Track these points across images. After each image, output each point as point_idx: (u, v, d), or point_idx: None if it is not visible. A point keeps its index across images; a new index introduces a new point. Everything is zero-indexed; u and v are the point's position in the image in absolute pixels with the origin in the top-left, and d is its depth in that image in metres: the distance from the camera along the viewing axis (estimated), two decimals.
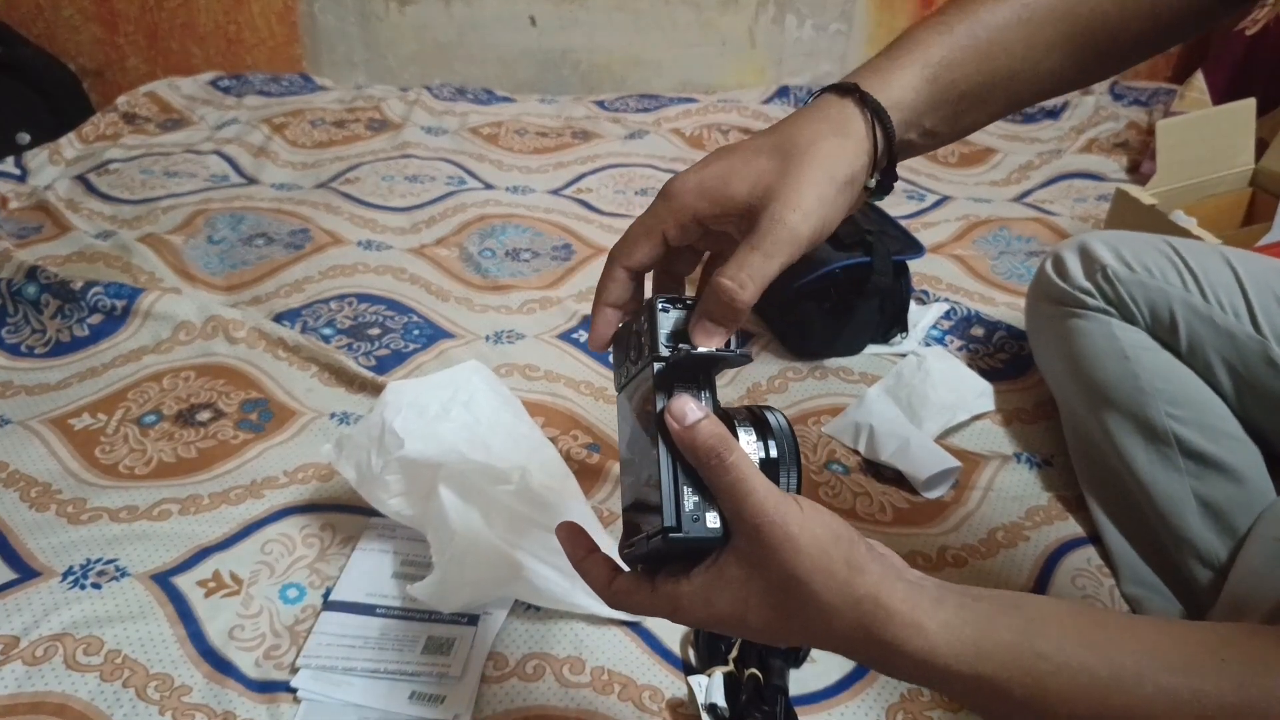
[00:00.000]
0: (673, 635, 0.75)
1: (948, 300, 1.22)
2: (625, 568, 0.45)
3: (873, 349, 1.13)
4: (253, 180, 1.56)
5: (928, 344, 1.14)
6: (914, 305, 1.17)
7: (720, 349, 0.42)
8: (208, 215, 1.40)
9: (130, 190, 1.50)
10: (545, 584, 0.72)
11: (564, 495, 0.77)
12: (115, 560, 0.78)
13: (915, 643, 0.37)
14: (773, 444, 0.42)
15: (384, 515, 0.78)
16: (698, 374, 0.43)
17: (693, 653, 0.73)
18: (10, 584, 0.75)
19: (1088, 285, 0.85)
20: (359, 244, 1.35)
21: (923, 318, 1.16)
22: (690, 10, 1.98)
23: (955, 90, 0.47)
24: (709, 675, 0.70)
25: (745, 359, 0.43)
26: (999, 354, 1.12)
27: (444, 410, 0.77)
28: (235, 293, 1.23)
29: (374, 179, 1.56)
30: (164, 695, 0.68)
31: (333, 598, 0.76)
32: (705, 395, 0.43)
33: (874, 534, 0.86)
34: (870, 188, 0.46)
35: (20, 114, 1.73)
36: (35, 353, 1.09)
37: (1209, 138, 1.31)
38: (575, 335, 1.16)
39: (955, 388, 1.02)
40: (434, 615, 0.74)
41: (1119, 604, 0.80)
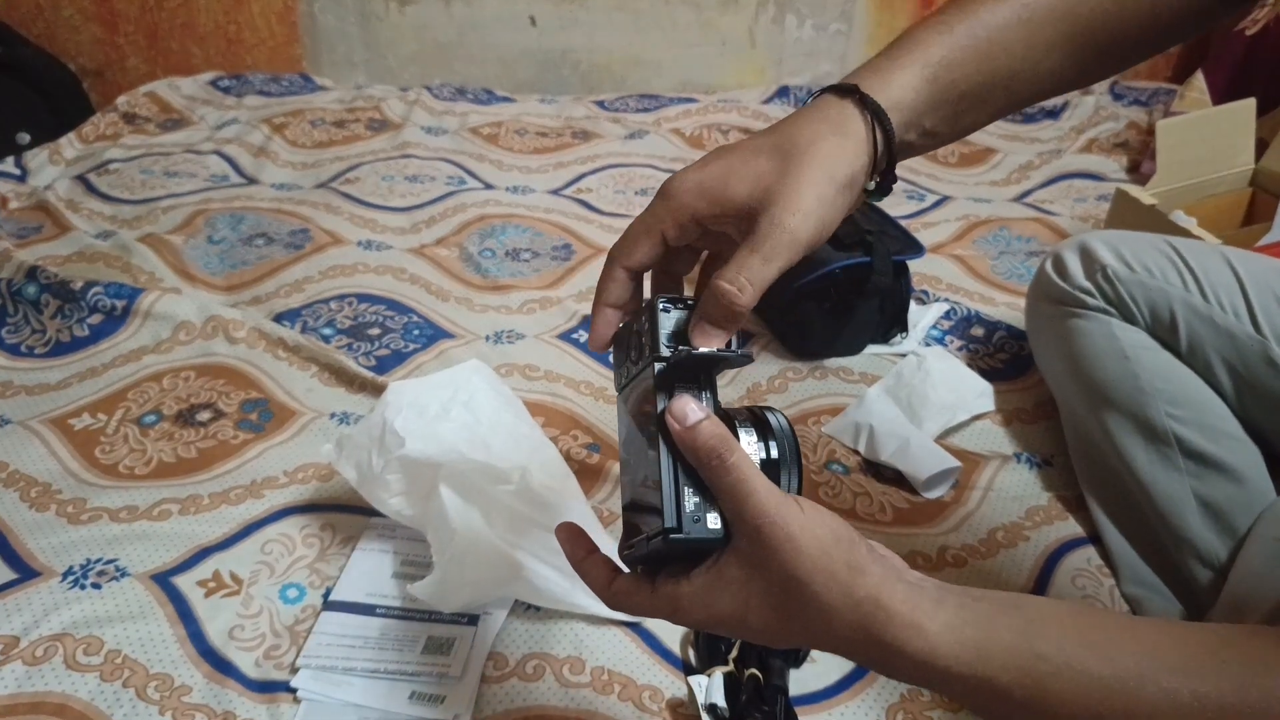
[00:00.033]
0: (673, 635, 0.75)
1: (948, 300, 1.22)
2: (625, 569, 0.45)
3: (873, 349, 1.13)
4: (253, 180, 1.56)
5: (928, 344, 1.14)
6: (914, 305, 1.17)
7: (721, 349, 0.42)
8: (208, 215, 1.40)
9: (130, 190, 1.50)
10: (545, 584, 0.72)
11: (564, 495, 0.77)
12: (115, 560, 0.78)
13: (915, 644, 0.37)
14: (774, 444, 0.42)
15: (384, 515, 0.78)
16: (698, 374, 0.43)
17: (693, 653, 0.73)
18: (10, 584, 0.75)
19: (1088, 285, 0.85)
20: (359, 244, 1.35)
21: (923, 318, 1.16)
22: (690, 10, 1.98)
23: (955, 90, 0.47)
24: (709, 675, 0.70)
25: (746, 359, 0.43)
26: (999, 354, 1.12)
27: (445, 410, 0.77)
28: (235, 293, 1.23)
29: (374, 179, 1.56)
30: (164, 695, 0.68)
31: (333, 598, 0.76)
32: (706, 396, 0.43)
33: (874, 534, 0.86)
34: (870, 189, 0.46)
35: (20, 114, 1.73)
36: (35, 353, 1.09)
37: (1209, 138, 1.31)
38: (575, 335, 1.16)
39: (955, 388, 1.02)
40: (434, 615, 0.74)
41: (1119, 604, 0.80)
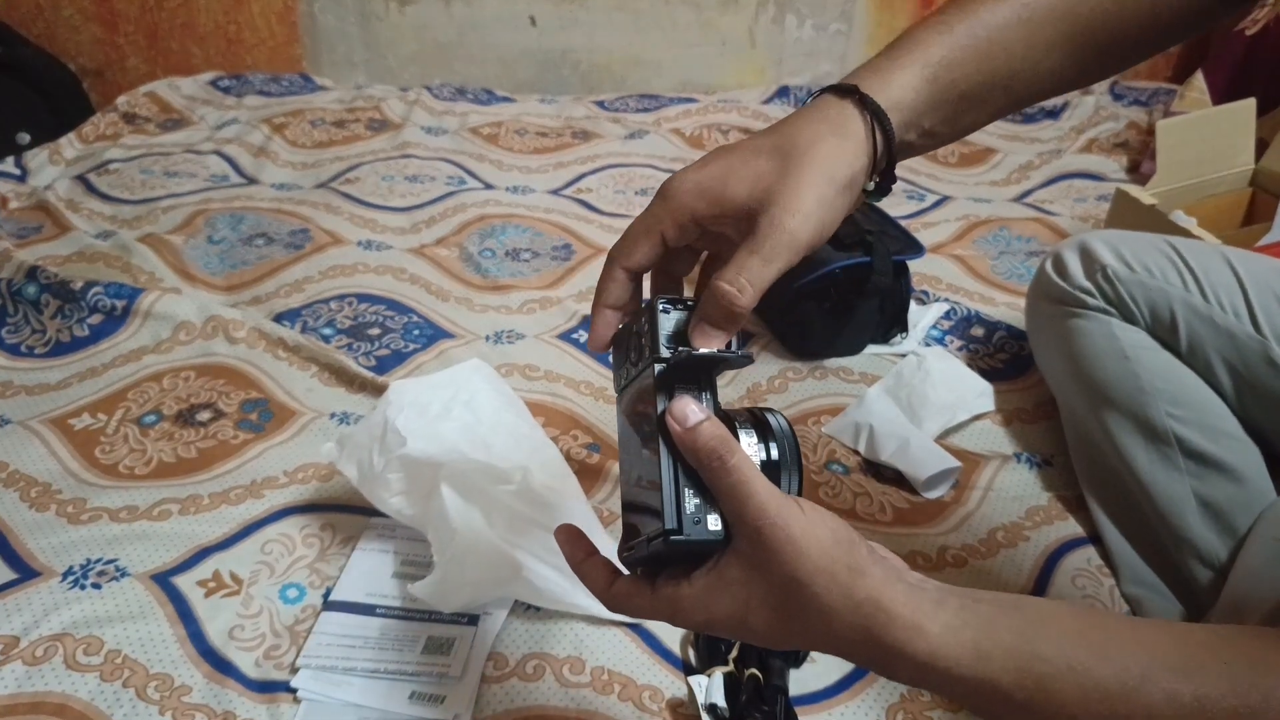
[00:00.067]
0: (673, 635, 0.75)
1: (948, 300, 1.22)
2: (625, 570, 0.45)
3: (873, 349, 1.13)
4: (253, 180, 1.56)
5: (928, 344, 1.14)
6: (914, 305, 1.17)
7: (721, 350, 0.42)
8: (208, 215, 1.40)
9: (130, 190, 1.50)
10: (545, 584, 0.72)
11: (565, 495, 0.77)
12: (115, 560, 0.78)
13: (916, 645, 0.37)
14: (774, 446, 0.42)
15: (385, 515, 0.78)
16: (699, 375, 0.43)
17: (693, 653, 0.73)
18: (10, 584, 0.75)
19: (1088, 285, 0.85)
20: (359, 244, 1.35)
21: (923, 318, 1.16)
22: (690, 10, 1.98)
23: (955, 90, 0.47)
24: (709, 675, 0.70)
25: (747, 360, 0.43)
26: (999, 354, 1.12)
27: (446, 409, 0.77)
28: (235, 293, 1.23)
29: (374, 179, 1.56)
30: (164, 695, 0.68)
31: (333, 598, 0.76)
32: (706, 397, 0.42)
33: (874, 534, 0.86)
34: (869, 189, 0.46)
35: (20, 114, 1.73)
36: (35, 353, 1.09)
37: (1209, 138, 1.31)
38: (575, 335, 1.16)
39: (955, 388, 1.02)
40: (434, 615, 0.74)
41: (1119, 604, 0.80)
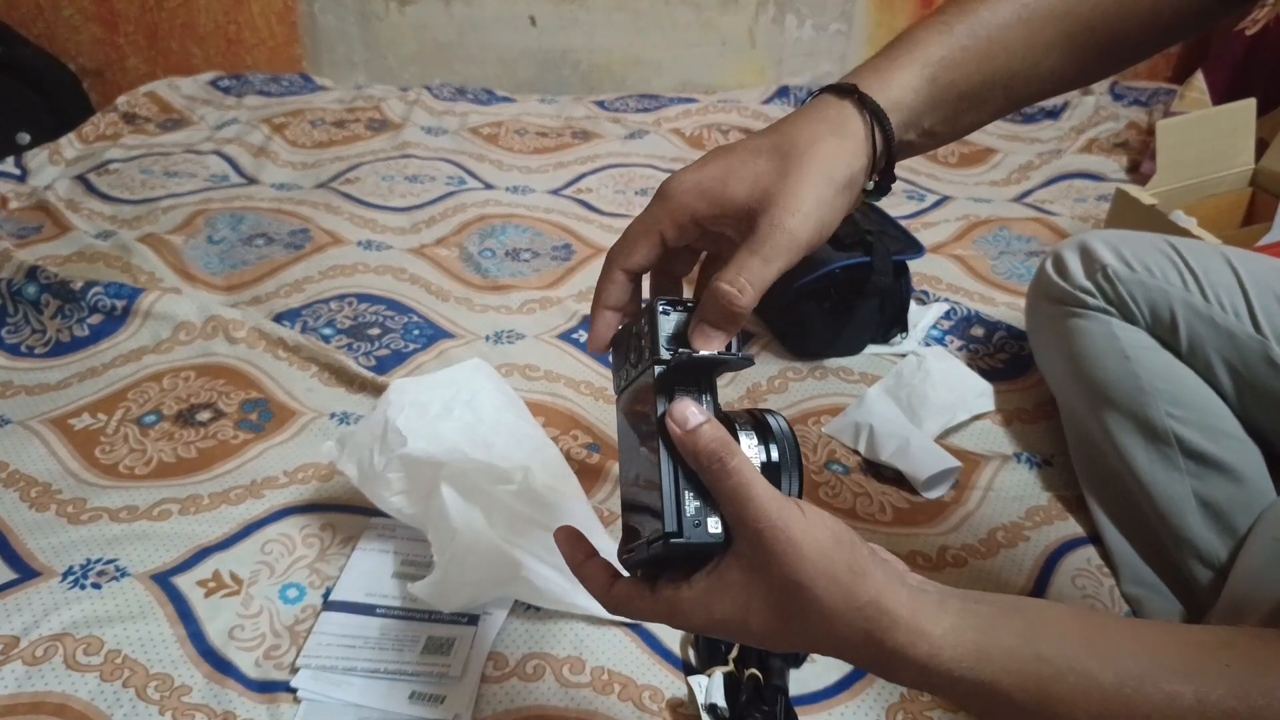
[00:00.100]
0: (673, 635, 0.75)
1: (948, 300, 1.22)
2: (624, 572, 0.45)
3: (873, 349, 1.13)
4: (253, 180, 1.56)
5: (928, 344, 1.13)
6: (914, 305, 1.17)
7: (721, 352, 0.41)
8: (208, 215, 1.40)
9: (130, 190, 1.50)
10: (545, 584, 0.72)
11: (565, 495, 0.77)
12: (115, 560, 0.78)
13: (919, 648, 0.37)
14: (774, 447, 0.42)
15: (385, 514, 0.78)
16: (699, 377, 0.43)
17: (693, 653, 0.73)
18: (10, 584, 0.75)
19: (1088, 285, 0.85)
20: (359, 244, 1.35)
21: (923, 318, 1.16)
22: (690, 10, 1.98)
23: (955, 90, 0.46)
24: (709, 675, 0.70)
25: (747, 362, 0.43)
26: (999, 354, 1.12)
27: (446, 409, 0.77)
28: (235, 293, 1.23)
29: (374, 179, 1.56)
30: (164, 695, 0.68)
31: (333, 598, 0.76)
32: (706, 398, 0.42)
33: (874, 534, 0.86)
34: (869, 189, 0.46)
35: (20, 114, 1.73)
36: (35, 353, 1.09)
37: (1209, 138, 1.31)
38: (575, 335, 1.16)
39: (955, 388, 1.02)
40: (434, 615, 0.74)
41: (1119, 604, 0.80)
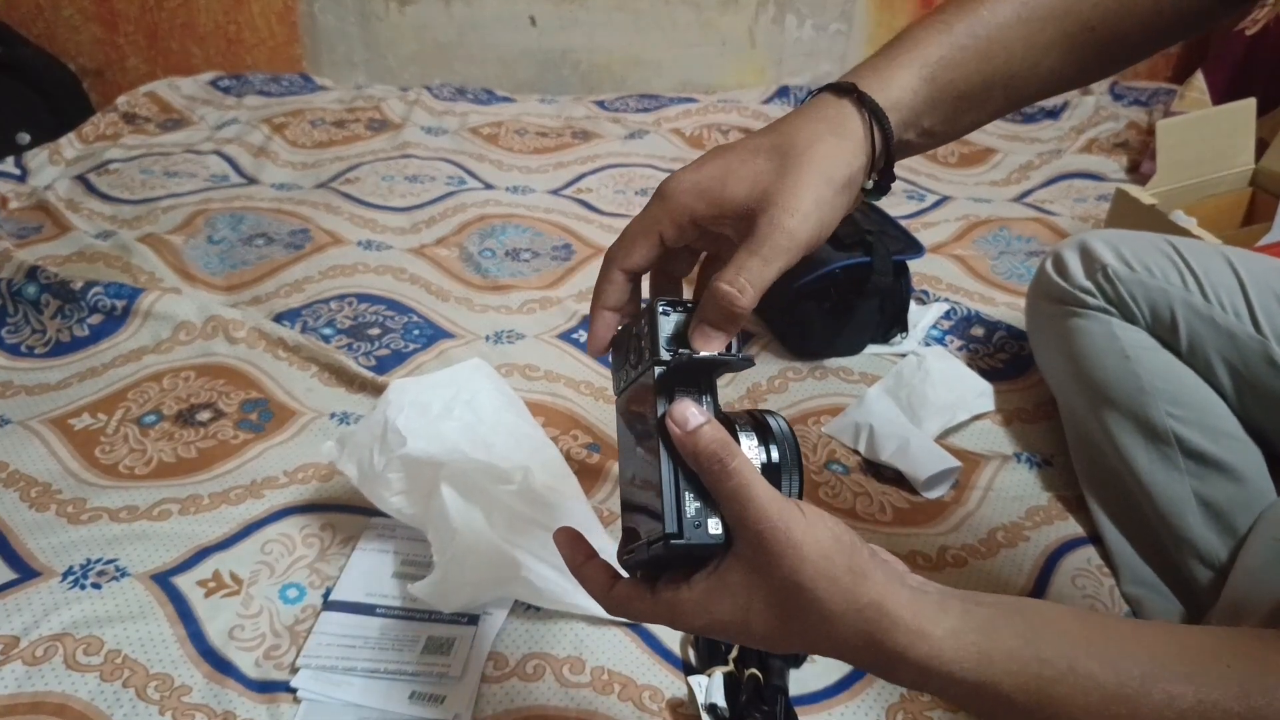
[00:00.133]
0: (673, 635, 0.75)
1: (948, 300, 1.22)
2: (624, 574, 0.44)
3: (873, 349, 1.13)
4: (253, 180, 1.56)
5: (928, 344, 1.13)
6: (914, 305, 1.17)
7: (721, 353, 0.41)
8: (208, 215, 1.40)
9: (130, 190, 1.50)
10: (545, 584, 0.72)
11: (565, 495, 0.77)
12: (115, 560, 0.78)
13: (920, 649, 0.37)
14: (774, 448, 0.42)
15: (385, 514, 0.78)
16: (699, 378, 0.43)
17: (693, 653, 0.73)
18: (10, 584, 0.75)
19: (1088, 284, 0.85)
20: (359, 244, 1.35)
21: (923, 318, 1.16)
22: (690, 10, 1.98)
23: (954, 90, 0.46)
24: (709, 675, 0.70)
25: (747, 363, 0.43)
26: (999, 354, 1.12)
27: (447, 409, 0.77)
28: (235, 293, 1.23)
29: (374, 179, 1.56)
30: (164, 695, 0.68)
31: (333, 598, 0.76)
32: (706, 399, 0.42)
33: (874, 534, 0.86)
34: (868, 188, 0.46)
35: (20, 114, 1.73)
36: (35, 353, 1.09)
37: (1209, 138, 1.31)
38: (575, 335, 1.16)
39: (955, 388, 1.01)
40: (434, 615, 0.74)
41: (1119, 604, 0.80)
